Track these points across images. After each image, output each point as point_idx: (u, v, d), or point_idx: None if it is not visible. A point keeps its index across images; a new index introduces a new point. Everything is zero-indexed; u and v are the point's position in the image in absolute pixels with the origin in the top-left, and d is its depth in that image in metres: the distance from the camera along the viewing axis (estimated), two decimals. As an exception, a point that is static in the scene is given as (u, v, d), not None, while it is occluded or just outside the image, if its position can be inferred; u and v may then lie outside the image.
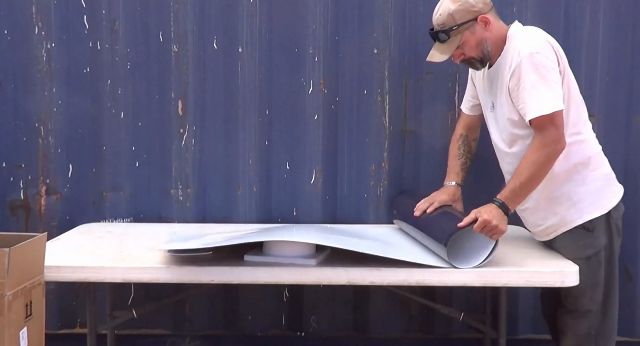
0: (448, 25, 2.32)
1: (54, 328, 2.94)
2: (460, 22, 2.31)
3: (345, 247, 2.17)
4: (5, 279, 1.85)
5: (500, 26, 2.36)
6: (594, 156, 2.36)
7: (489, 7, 2.35)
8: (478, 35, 2.32)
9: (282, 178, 2.97)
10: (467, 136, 2.65)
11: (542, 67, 2.19)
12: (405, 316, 3.03)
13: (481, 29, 2.32)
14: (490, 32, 2.32)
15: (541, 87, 2.19)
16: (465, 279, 2.20)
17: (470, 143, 2.66)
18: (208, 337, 3.02)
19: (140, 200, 2.99)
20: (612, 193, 2.39)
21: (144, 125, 2.96)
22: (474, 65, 2.41)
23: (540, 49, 2.22)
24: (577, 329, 2.35)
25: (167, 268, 2.21)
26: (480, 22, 2.32)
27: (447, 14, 2.32)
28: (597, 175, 2.34)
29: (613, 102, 2.90)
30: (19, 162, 2.97)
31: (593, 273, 2.31)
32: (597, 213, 2.32)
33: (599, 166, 2.37)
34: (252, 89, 2.94)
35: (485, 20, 2.32)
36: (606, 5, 2.87)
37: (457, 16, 2.31)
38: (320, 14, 2.91)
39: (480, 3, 2.32)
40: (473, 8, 2.31)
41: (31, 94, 2.94)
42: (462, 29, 2.32)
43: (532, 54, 2.20)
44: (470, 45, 2.34)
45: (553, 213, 2.34)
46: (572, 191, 2.31)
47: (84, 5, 2.91)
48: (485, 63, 2.38)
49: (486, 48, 2.34)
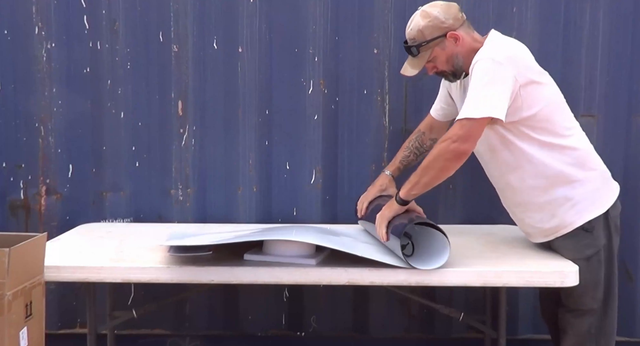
0: (418, 41, 2.35)
1: (54, 328, 2.95)
2: (429, 38, 2.33)
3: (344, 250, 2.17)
4: (5, 279, 1.85)
5: (473, 39, 2.35)
6: (587, 156, 2.36)
7: (460, 23, 2.35)
8: (448, 50, 2.34)
9: (282, 178, 2.97)
10: (424, 133, 2.67)
11: (488, 74, 2.18)
12: (405, 316, 3.03)
13: (451, 45, 2.33)
14: (461, 47, 2.33)
15: (479, 92, 2.18)
16: (465, 280, 2.20)
17: (425, 141, 2.66)
18: (208, 337, 3.03)
19: (140, 200, 2.99)
20: (609, 191, 2.38)
21: (144, 125, 2.96)
22: (447, 78, 2.44)
23: (495, 55, 2.20)
24: (579, 327, 2.35)
25: (167, 268, 2.21)
26: (450, 38, 2.33)
27: (417, 29, 2.34)
28: (593, 175, 2.34)
29: (613, 102, 2.90)
30: (19, 162, 2.97)
31: (594, 273, 2.31)
32: (596, 212, 2.32)
33: (594, 165, 2.36)
34: (252, 89, 2.94)
35: (455, 36, 2.32)
36: (606, 5, 2.87)
37: (427, 32, 2.33)
38: (320, 14, 2.91)
39: (451, 19, 2.33)
40: (443, 24, 2.32)
41: (31, 94, 2.94)
42: (431, 44, 2.34)
43: (483, 60, 2.20)
44: (441, 60, 2.36)
45: (551, 215, 2.34)
46: (570, 193, 2.31)
47: (84, 5, 2.91)
48: (458, 76, 2.40)
49: (457, 63, 2.35)
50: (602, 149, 2.83)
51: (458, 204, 2.96)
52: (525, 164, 2.31)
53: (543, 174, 2.30)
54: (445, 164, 2.20)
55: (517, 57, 2.24)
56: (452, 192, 2.96)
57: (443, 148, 2.19)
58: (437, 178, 2.24)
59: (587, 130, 2.82)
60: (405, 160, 2.66)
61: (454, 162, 2.20)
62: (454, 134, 2.18)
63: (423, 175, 2.23)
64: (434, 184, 2.26)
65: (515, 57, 2.23)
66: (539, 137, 2.28)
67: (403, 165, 2.66)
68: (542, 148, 2.28)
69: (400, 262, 2.17)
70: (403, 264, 2.16)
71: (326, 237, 2.31)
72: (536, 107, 2.25)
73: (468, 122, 2.17)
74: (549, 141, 2.28)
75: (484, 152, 2.42)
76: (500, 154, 2.34)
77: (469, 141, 2.18)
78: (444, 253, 2.16)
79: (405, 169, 2.65)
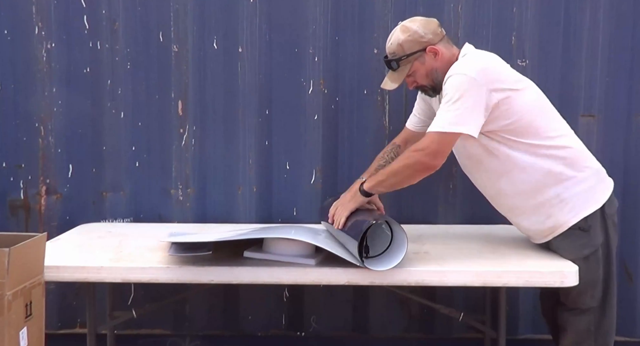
0: (398, 55, 2.38)
1: (54, 328, 2.95)
2: (408, 53, 2.36)
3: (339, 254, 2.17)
4: (5, 279, 1.86)
5: (453, 54, 2.37)
6: (577, 154, 2.35)
7: (440, 37, 2.37)
8: (427, 65, 2.37)
9: (282, 178, 2.98)
10: (400, 146, 2.68)
11: (460, 88, 2.19)
12: (405, 316, 3.03)
13: (430, 59, 2.36)
14: (441, 62, 2.35)
15: (451, 107, 2.19)
16: (464, 280, 2.20)
17: (400, 153, 2.65)
18: (208, 337, 3.03)
19: (140, 200, 2.99)
20: (604, 187, 2.38)
21: (144, 125, 2.96)
22: (427, 92, 2.47)
23: (466, 70, 2.21)
24: (578, 325, 2.36)
25: (167, 268, 2.21)
26: (430, 53, 2.35)
27: (397, 43, 2.37)
28: (585, 173, 2.33)
29: (613, 102, 2.90)
30: (19, 162, 2.97)
31: (592, 272, 2.31)
32: (591, 209, 2.31)
33: (585, 163, 2.35)
34: (252, 89, 2.94)
35: (435, 51, 2.35)
36: (606, 5, 2.87)
37: (406, 46, 2.36)
38: (320, 14, 2.91)
39: (430, 34, 2.35)
40: (422, 39, 2.35)
41: (31, 94, 2.94)
42: (411, 59, 2.37)
43: (455, 74, 2.21)
44: (421, 74, 2.39)
45: (547, 216, 2.34)
46: (563, 193, 2.31)
47: (84, 5, 2.92)
48: (437, 91, 2.41)
49: (437, 78, 2.36)
50: (602, 149, 2.84)
51: (458, 204, 2.96)
52: (514, 168, 2.31)
53: (533, 177, 2.31)
54: (414, 174, 2.28)
55: (489, 70, 2.25)
56: (452, 192, 2.96)
57: (414, 159, 2.25)
58: (402, 183, 2.33)
59: (587, 130, 2.85)
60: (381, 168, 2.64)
61: (421, 174, 2.29)
62: (426, 146, 2.23)
63: (390, 177, 2.31)
64: (397, 187, 2.35)
65: (487, 70, 2.24)
66: (524, 140, 2.29)
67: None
68: (528, 151, 2.29)
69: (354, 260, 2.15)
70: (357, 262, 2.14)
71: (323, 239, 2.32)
72: (515, 116, 2.26)
73: (439, 137, 2.21)
74: (535, 143, 2.29)
75: (469, 163, 2.44)
76: (487, 163, 2.35)
77: (439, 157, 2.24)
78: (400, 252, 2.16)
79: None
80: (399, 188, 2.36)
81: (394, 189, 2.37)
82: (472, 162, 2.41)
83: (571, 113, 2.84)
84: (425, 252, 2.41)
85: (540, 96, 2.38)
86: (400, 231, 2.20)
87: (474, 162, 2.40)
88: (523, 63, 2.88)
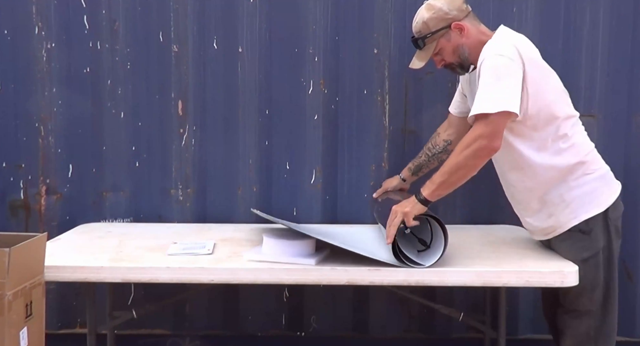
0: (423, 33, 2.38)
1: (54, 328, 2.95)
2: (434, 30, 2.36)
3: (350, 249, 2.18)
4: (5, 279, 1.85)
5: (480, 31, 2.37)
6: (587, 156, 2.33)
7: (465, 14, 2.36)
8: (454, 42, 2.36)
9: (282, 178, 2.97)
10: (439, 133, 2.73)
11: (499, 69, 2.17)
12: (405, 316, 3.03)
13: (457, 36, 2.35)
14: (467, 38, 2.34)
15: (492, 88, 2.17)
16: (464, 280, 2.20)
17: (439, 142, 2.73)
18: (208, 337, 3.03)
19: (140, 200, 2.99)
20: (610, 191, 2.36)
21: (144, 125, 2.96)
22: (455, 70, 2.46)
23: (503, 51, 2.19)
24: (577, 329, 2.35)
25: (167, 268, 2.21)
26: (455, 29, 2.35)
27: (422, 22, 2.38)
28: (591, 177, 2.31)
29: (613, 102, 2.90)
30: (19, 162, 2.97)
31: (591, 275, 2.29)
32: (592, 212, 2.30)
33: (593, 167, 2.33)
34: (252, 89, 2.94)
35: (460, 27, 2.34)
36: (606, 5, 2.87)
37: (431, 24, 2.36)
38: (320, 14, 2.91)
39: (455, 10, 2.35)
40: (447, 16, 2.34)
41: (31, 94, 2.94)
42: (436, 36, 2.37)
43: (492, 56, 2.19)
44: (447, 51, 2.38)
45: (548, 214, 2.34)
46: (566, 193, 2.30)
47: (84, 5, 2.91)
48: (466, 68, 2.41)
49: (463, 54, 2.36)
50: (602, 149, 2.82)
51: (458, 204, 2.96)
52: (525, 166, 2.31)
53: (540, 174, 2.30)
54: (477, 162, 2.18)
55: (524, 53, 2.23)
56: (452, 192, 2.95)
57: (474, 148, 2.15)
58: (465, 176, 2.22)
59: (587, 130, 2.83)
60: (417, 160, 2.74)
61: (484, 160, 2.19)
62: (482, 131, 2.15)
63: (452, 174, 2.20)
64: (460, 183, 2.24)
65: (522, 53, 2.22)
66: (539, 135, 2.26)
67: (414, 165, 2.74)
68: (539, 151, 2.28)
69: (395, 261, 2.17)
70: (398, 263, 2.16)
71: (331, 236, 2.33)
72: (541, 103, 2.24)
73: (492, 118, 2.14)
74: (549, 141, 2.27)
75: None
76: (501, 154, 2.33)
77: (497, 137, 2.16)
78: (437, 250, 2.17)
79: (415, 169, 2.75)
80: (459, 185, 2.26)
81: (455, 187, 2.26)
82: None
83: (571, 113, 2.85)
84: (425, 252, 2.40)
85: (564, 91, 2.37)
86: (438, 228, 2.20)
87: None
88: (523, 63, 2.88)
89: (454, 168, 2.19)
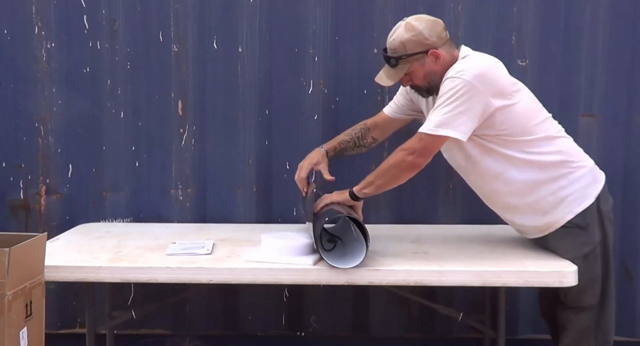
0: (398, 53, 2.34)
1: (54, 328, 2.95)
2: (410, 53, 2.32)
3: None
4: (5, 279, 1.86)
5: (452, 57, 2.34)
6: (571, 153, 2.36)
7: (443, 41, 2.33)
8: (427, 67, 2.33)
9: (282, 177, 2.97)
10: (370, 129, 2.70)
11: (456, 92, 2.18)
12: (405, 316, 3.03)
13: (431, 62, 2.32)
14: (440, 66, 2.32)
15: (443, 110, 2.20)
16: (464, 280, 2.20)
17: (367, 136, 2.70)
18: (208, 337, 3.02)
19: (140, 200, 2.99)
20: (595, 181, 2.38)
21: (144, 125, 2.96)
22: (420, 93, 2.44)
23: (465, 75, 2.19)
24: (578, 324, 2.36)
25: (166, 268, 2.21)
26: (431, 56, 2.31)
27: (399, 41, 2.33)
28: (581, 173, 2.34)
29: (613, 102, 2.89)
30: (19, 162, 2.97)
31: (592, 270, 2.32)
32: (585, 204, 2.32)
33: (580, 161, 2.36)
34: (252, 89, 2.94)
35: (436, 55, 2.31)
36: (606, 5, 2.86)
37: (408, 46, 2.31)
38: (320, 14, 2.91)
39: (435, 37, 2.31)
40: (426, 41, 2.31)
41: (31, 94, 2.94)
42: (411, 59, 2.33)
43: (454, 77, 2.20)
44: (418, 75, 2.36)
45: (543, 213, 2.35)
46: (559, 191, 2.32)
47: (84, 5, 2.91)
48: (431, 93, 2.39)
49: (434, 81, 2.34)
50: (602, 149, 2.84)
51: (458, 204, 2.96)
52: (510, 168, 2.32)
53: (528, 176, 2.31)
54: (400, 173, 2.31)
55: (487, 76, 2.23)
56: (452, 192, 2.96)
57: (399, 158, 2.29)
58: (390, 184, 2.36)
59: (587, 130, 2.85)
60: (344, 144, 2.70)
61: (407, 173, 2.31)
62: (412, 146, 2.27)
63: (378, 178, 2.34)
64: (386, 188, 2.39)
65: (486, 77, 2.22)
66: (520, 138, 2.29)
67: (340, 147, 2.69)
68: (523, 151, 2.30)
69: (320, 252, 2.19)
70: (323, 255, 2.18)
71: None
72: (512, 121, 2.27)
73: (427, 138, 2.24)
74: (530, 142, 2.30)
75: (464, 164, 2.43)
76: (483, 163, 2.35)
77: (425, 156, 2.27)
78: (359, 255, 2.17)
79: (339, 151, 2.70)
80: (387, 189, 2.39)
81: (382, 190, 2.39)
82: (468, 163, 2.40)
83: (571, 113, 2.85)
84: (425, 252, 2.41)
85: (532, 97, 2.39)
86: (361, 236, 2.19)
87: (469, 163, 2.40)
88: (523, 63, 2.88)
89: (383, 173, 2.34)
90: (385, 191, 2.44)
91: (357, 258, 2.17)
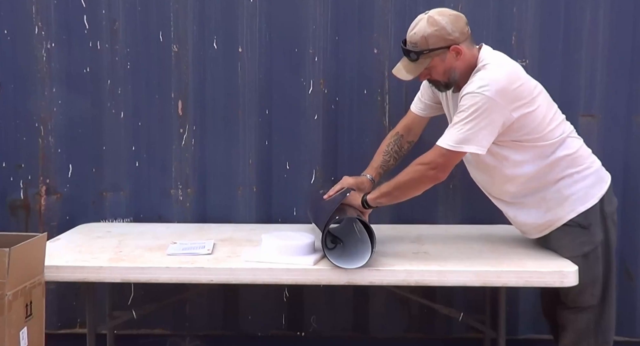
0: (420, 47, 2.29)
1: (54, 328, 2.94)
2: (432, 48, 2.28)
3: None
4: (5, 279, 1.86)
5: (472, 54, 2.32)
6: (581, 153, 2.37)
7: (465, 37, 2.30)
8: (447, 63, 2.30)
9: (282, 178, 2.97)
10: (403, 136, 2.67)
11: (478, 108, 2.18)
12: (405, 316, 3.03)
13: (452, 58, 2.29)
14: (461, 62, 2.30)
15: (464, 125, 2.20)
16: (464, 280, 2.20)
17: (403, 144, 2.67)
18: (208, 337, 3.02)
19: (140, 200, 2.99)
20: (601, 182, 2.39)
21: (144, 125, 2.96)
22: (438, 87, 2.42)
23: (487, 91, 2.17)
24: (578, 324, 2.37)
25: (166, 268, 2.21)
26: (452, 52, 2.29)
27: (421, 35, 2.28)
28: (587, 173, 2.35)
29: (613, 102, 2.90)
30: (19, 162, 2.97)
31: (592, 270, 2.32)
32: (589, 204, 2.33)
33: (587, 162, 2.37)
34: (252, 89, 2.94)
35: (458, 50, 2.28)
36: (606, 5, 2.86)
37: (431, 41, 2.28)
38: (320, 14, 2.91)
39: (457, 32, 2.28)
40: (449, 36, 2.28)
41: (31, 94, 2.94)
42: (432, 54, 2.29)
43: (476, 92, 2.18)
44: (438, 70, 2.33)
45: (546, 210, 2.36)
46: (564, 190, 2.33)
47: (84, 5, 2.91)
48: (449, 88, 2.39)
49: (453, 77, 2.33)
50: (602, 149, 2.84)
51: (458, 204, 2.96)
52: (522, 173, 2.33)
53: (538, 179, 2.33)
54: (420, 186, 2.32)
55: (508, 90, 2.21)
56: (452, 192, 2.96)
57: (420, 172, 2.28)
58: (407, 196, 2.36)
59: (587, 130, 2.84)
60: (386, 165, 2.66)
61: (427, 186, 2.33)
62: (433, 161, 2.26)
63: (396, 189, 2.33)
64: (400, 200, 2.39)
65: (507, 90, 2.20)
66: (533, 144, 2.30)
67: (384, 170, 2.65)
68: (535, 155, 2.31)
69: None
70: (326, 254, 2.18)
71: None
72: (531, 126, 2.27)
73: (447, 153, 2.23)
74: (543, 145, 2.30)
75: (476, 168, 2.45)
76: (496, 169, 2.36)
77: (446, 171, 2.28)
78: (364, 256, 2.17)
79: (385, 173, 2.66)
80: (402, 200, 2.39)
81: (397, 201, 2.39)
82: (481, 168, 2.41)
83: (571, 113, 2.83)
84: (425, 252, 2.41)
85: (549, 98, 2.38)
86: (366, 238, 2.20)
87: (482, 168, 2.41)
88: (523, 63, 2.87)
89: (400, 185, 2.32)
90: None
91: (360, 259, 2.17)
